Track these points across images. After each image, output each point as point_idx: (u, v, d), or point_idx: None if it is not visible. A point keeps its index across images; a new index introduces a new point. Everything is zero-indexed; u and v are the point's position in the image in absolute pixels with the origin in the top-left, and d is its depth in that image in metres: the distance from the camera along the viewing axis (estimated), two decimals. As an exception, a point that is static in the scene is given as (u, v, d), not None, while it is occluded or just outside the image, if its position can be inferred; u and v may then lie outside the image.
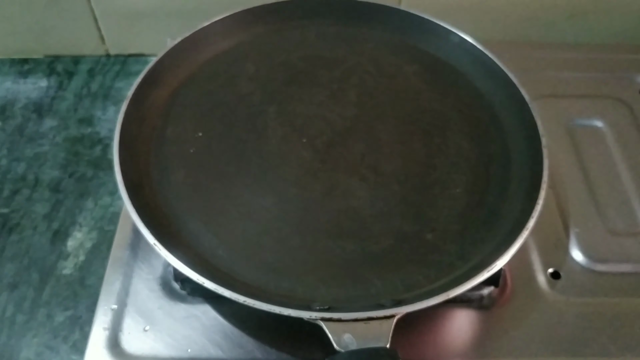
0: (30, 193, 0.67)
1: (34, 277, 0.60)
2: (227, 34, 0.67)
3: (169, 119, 0.60)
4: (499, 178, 0.57)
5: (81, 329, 0.56)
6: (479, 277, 0.45)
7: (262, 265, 0.50)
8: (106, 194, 0.67)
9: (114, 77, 0.81)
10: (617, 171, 0.66)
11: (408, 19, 0.68)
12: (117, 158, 0.52)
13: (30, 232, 0.63)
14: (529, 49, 0.80)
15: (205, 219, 0.53)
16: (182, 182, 0.55)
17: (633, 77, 0.76)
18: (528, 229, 0.48)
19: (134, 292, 0.55)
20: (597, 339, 0.53)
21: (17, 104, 0.77)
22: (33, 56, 0.83)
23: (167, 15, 0.77)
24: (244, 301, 0.44)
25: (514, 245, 0.47)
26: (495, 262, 0.46)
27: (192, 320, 0.53)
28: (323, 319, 0.43)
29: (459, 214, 0.54)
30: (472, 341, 0.53)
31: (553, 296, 0.56)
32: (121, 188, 0.50)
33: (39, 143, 0.72)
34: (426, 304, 0.44)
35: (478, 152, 0.59)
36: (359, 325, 0.43)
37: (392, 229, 0.53)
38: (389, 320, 0.43)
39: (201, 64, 0.65)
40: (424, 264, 0.51)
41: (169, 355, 0.51)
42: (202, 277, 0.45)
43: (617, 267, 0.58)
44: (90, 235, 0.63)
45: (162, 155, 0.57)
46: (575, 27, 0.83)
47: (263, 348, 0.52)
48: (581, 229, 0.61)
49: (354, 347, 0.42)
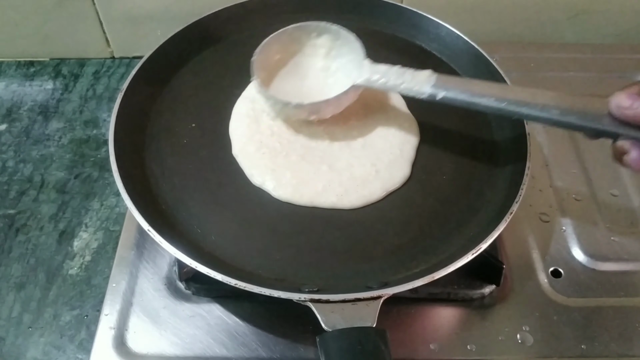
0: (37, 194, 0.68)
1: (40, 277, 0.60)
2: (220, 28, 0.68)
3: (162, 111, 0.61)
4: (485, 165, 0.58)
5: (87, 328, 0.57)
6: (463, 259, 0.46)
7: (253, 250, 0.51)
8: (112, 194, 0.67)
9: (119, 79, 0.81)
10: (617, 171, 0.66)
11: (405, 16, 0.69)
12: (112, 149, 0.53)
13: (37, 233, 0.64)
14: (529, 49, 0.81)
15: (198, 207, 0.54)
16: (175, 171, 0.56)
17: (633, 77, 0.77)
18: (512, 212, 0.49)
19: (139, 291, 0.56)
20: (598, 337, 0.53)
21: (24, 106, 0.78)
22: (39, 59, 0.84)
23: (171, 18, 0.78)
24: (235, 284, 0.44)
25: (498, 229, 0.48)
26: (480, 245, 0.47)
27: (197, 319, 0.54)
28: (312, 300, 0.44)
29: (445, 199, 0.55)
30: (474, 339, 0.53)
31: (554, 295, 0.56)
32: (116, 177, 0.51)
33: (45, 145, 0.73)
34: (412, 285, 0.45)
35: (465, 140, 0.60)
36: (346, 306, 0.44)
37: (379, 214, 0.54)
38: (376, 301, 0.44)
39: (194, 58, 0.66)
40: (411, 248, 0.52)
41: (174, 353, 0.52)
42: (194, 261, 0.46)
43: (617, 265, 0.58)
44: (96, 235, 0.64)
45: (156, 146, 0.58)
46: (575, 27, 0.83)
47: (267, 346, 0.52)
48: (582, 228, 0.61)
49: (342, 327, 0.43)
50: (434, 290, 0.54)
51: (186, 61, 0.66)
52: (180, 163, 0.57)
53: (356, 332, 0.42)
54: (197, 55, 0.66)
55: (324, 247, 0.52)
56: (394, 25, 0.70)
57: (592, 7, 0.81)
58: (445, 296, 0.55)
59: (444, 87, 0.52)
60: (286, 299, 0.44)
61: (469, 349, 0.52)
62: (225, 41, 0.68)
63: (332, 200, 0.54)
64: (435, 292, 0.55)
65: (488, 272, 0.55)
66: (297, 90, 0.60)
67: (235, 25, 0.69)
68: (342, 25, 0.60)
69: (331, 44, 0.61)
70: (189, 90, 0.63)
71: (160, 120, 0.60)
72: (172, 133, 0.59)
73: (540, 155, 0.67)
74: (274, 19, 0.70)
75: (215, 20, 0.67)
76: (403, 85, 0.54)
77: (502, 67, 0.62)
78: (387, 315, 0.45)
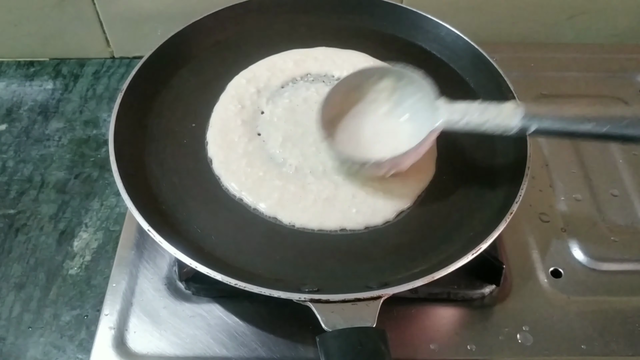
0: (37, 194, 0.68)
1: (40, 277, 0.61)
2: (219, 28, 0.68)
3: (162, 111, 0.61)
4: (485, 165, 0.58)
5: (87, 328, 0.57)
6: (463, 260, 0.46)
7: (253, 250, 0.51)
8: (112, 194, 0.67)
9: (119, 80, 0.82)
10: (617, 171, 0.66)
11: (405, 16, 0.69)
12: (112, 149, 0.53)
13: (37, 233, 0.64)
14: (529, 49, 0.81)
15: (198, 207, 0.54)
16: (175, 171, 0.56)
17: (633, 77, 0.77)
18: (512, 212, 0.49)
19: (139, 291, 0.56)
20: (598, 337, 0.53)
21: (24, 106, 0.78)
22: (39, 59, 0.84)
23: (171, 17, 0.78)
24: (235, 284, 0.44)
25: (498, 229, 0.48)
26: (480, 245, 0.47)
27: (197, 319, 0.54)
28: (312, 300, 0.44)
29: (444, 199, 0.55)
30: (474, 339, 0.53)
31: (554, 295, 0.56)
32: (116, 177, 0.51)
33: (45, 145, 0.73)
34: (412, 285, 0.45)
35: (465, 141, 0.59)
36: (346, 306, 0.44)
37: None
38: (376, 301, 0.44)
39: (194, 58, 0.66)
40: (411, 248, 0.52)
41: (174, 354, 0.52)
42: (194, 261, 0.46)
43: (617, 265, 0.58)
44: (96, 235, 0.64)
45: (156, 146, 0.58)
46: (575, 27, 0.83)
47: (267, 346, 0.52)
48: (582, 228, 0.61)
49: (342, 327, 0.43)
50: (434, 290, 0.54)
51: (186, 61, 0.66)
52: (180, 163, 0.57)
53: (356, 332, 0.42)
54: (197, 55, 0.66)
55: (324, 247, 0.52)
56: (394, 25, 0.70)
57: (592, 7, 0.81)
58: (445, 296, 0.55)
59: (535, 117, 0.48)
60: (286, 299, 0.44)
61: (469, 349, 0.52)
62: (225, 41, 0.68)
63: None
64: (435, 292, 0.55)
65: (488, 272, 0.55)
66: (364, 143, 0.56)
67: (236, 25, 0.69)
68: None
69: (394, 86, 0.57)
70: (189, 90, 0.63)
71: (160, 120, 0.60)
72: (172, 133, 0.59)
73: (540, 155, 0.67)
74: (274, 19, 0.70)
75: (215, 20, 0.67)
76: (488, 123, 0.50)
77: (502, 67, 0.62)
78: (387, 315, 0.44)
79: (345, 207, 0.53)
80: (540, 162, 0.67)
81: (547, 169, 0.66)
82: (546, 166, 0.67)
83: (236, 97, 0.62)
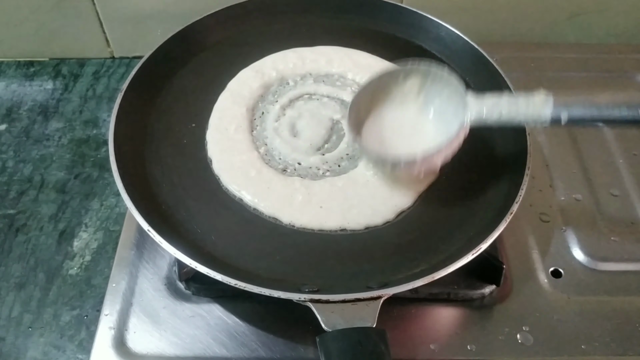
0: (37, 194, 0.68)
1: (40, 277, 0.60)
2: (219, 28, 0.68)
3: (162, 111, 0.61)
4: (485, 165, 0.58)
5: (87, 328, 0.57)
6: (463, 260, 0.46)
7: (253, 250, 0.51)
8: (112, 194, 0.67)
9: (118, 79, 0.82)
10: (617, 170, 0.66)
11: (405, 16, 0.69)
12: (112, 149, 0.53)
13: (37, 233, 0.64)
14: (529, 49, 0.81)
15: (198, 208, 0.54)
16: (175, 171, 0.56)
17: (633, 77, 0.77)
18: (512, 212, 0.49)
19: (139, 291, 0.56)
20: (598, 337, 0.53)
21: (23, 106, 0.78)
22: (39, 59, 0.84)
23: (171, 17, 0.78)
24: (235, 284, 0.45)
25: (498, 229, 0.48)
26: (480, 245, 0.47)
27: (197, 319, 0.54)
28: (312, 300, 0.44)
29: (445, 199, 0.55)
30: (474, 339, 0.53)
31: (554, 295, 0.56)
32: (116, 177, 0.51)
33: (44, 145, 0.73)
34: (412, 285, 0.45)
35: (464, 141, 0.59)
36: (346, 306, 0.44)
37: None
38: (376, 301, 0.44)
39: (194, 58, 0.66)
40: (411, 248, 0.52)
41: (174, 354, 0.52)
42: (194, 261, 0.46)
43: (617, 265, 0.58)
44: (96, 235, 0.64)
45: (156, 146, 0.58)
46: (575, 27, 0.83)
47: (267, 346, 0.52)
48: (582, 228, 0.61)
49: (342, 327, 0.43)
50: (434, 290, 0.54)
51: (186, 61, 0.66)
52: (180, 163, 0.57)
53: (356, 332, 0.42)
54: (197, 55, 0.66)
55: (324, 247, 0.52)
56: (394, 25, 0.70)
57: (593, 7, 0.81)
58: (445, 296, 0.55)
59: (566, 105, 0.48)
60: (286, 299, 0.44)
61: (469, 349, 0.52)
62: (225, 41, 0.68)
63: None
64: (435, 292, 0.55)
65: (488, 272, 0.55)
66: (395, 144, 0.56)
67: (236, 25, 0.69)
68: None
69: (421, 83, 0.56)
70: (189, 90, 0.63)
71: (160, 120, 0.60)
72: (172, 133, 0.59)
73: (540, 155, 0.67)
74: (274, 19, 0.70)
75: (215, 20, 0.67)
76: (519, 115, 0.49)
77: (502, 67, 0.62)
78: (387, 315, 0.45)
79: (346, 207, 0.54)
80: (540, 162, 0.67)
81: (547, 169, 0.66)
82: (546, 166, 0.67)
83: (236, 97, 0.62)
